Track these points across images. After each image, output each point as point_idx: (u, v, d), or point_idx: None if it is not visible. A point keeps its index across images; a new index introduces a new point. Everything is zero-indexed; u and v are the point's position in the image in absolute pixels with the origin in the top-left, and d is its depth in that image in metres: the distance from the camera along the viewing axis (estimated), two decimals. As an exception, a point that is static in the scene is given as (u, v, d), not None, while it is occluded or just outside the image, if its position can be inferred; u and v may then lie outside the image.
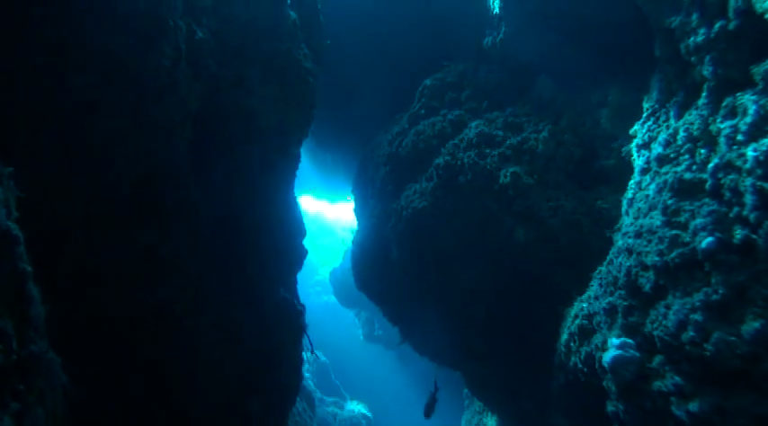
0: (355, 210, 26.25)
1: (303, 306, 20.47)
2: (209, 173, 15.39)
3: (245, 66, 15.80)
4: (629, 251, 11.82)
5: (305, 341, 20.76)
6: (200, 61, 13.60)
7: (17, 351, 5.96)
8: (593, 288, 13.25)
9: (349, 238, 42.33)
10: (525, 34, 18.68)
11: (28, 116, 9.68)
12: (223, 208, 16.19)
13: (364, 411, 53.49)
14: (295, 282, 21.13)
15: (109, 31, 10.40)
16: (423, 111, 21.21)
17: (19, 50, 9.39)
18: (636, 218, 12.28)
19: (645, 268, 11.20)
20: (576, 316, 13.63)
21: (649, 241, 11.23)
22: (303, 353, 21.07)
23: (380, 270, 22.05)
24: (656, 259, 10.83)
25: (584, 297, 13.70)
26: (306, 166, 26.55)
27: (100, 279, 11.87)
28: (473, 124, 19.07)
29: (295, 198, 21.40)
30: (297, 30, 17.95)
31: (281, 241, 19.35)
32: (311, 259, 21.34)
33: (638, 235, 11.67)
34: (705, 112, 11.31)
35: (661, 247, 10.82)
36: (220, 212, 16.09)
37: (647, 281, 11.08)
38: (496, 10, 19.22)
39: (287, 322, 19.17)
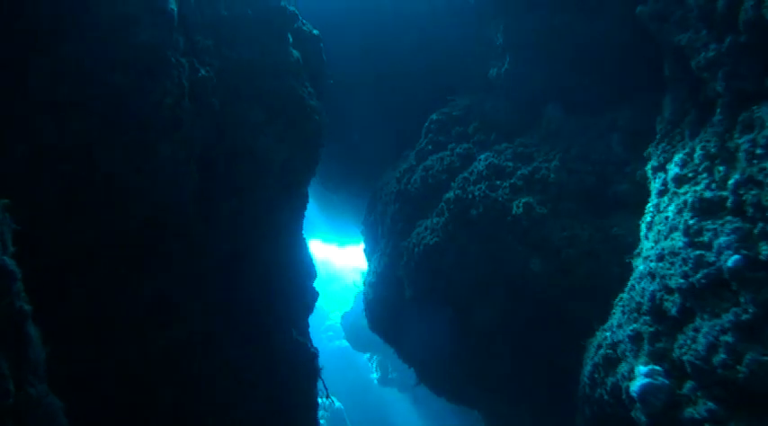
0: (365, 251, 25.96)
1: (316, 349, 20.03)
2: (216, 214, 15.14)
3: (249, 105, 15.70)
4: (652, 275, 11.47)
5: (319, 385, 20.25)
6: (203, 99, 13.50)
7: (13, 394, 5.65)
8: (616, 316, 12.84)
9: (360, 281, 41.94)
10: (530, 64, 18.64)
11: (28, 153, 9.49)
12: (230, 250, 15.92)
13: (380, 456, 52.53)
14: (307, 325, 20.71)
15: (109, 67, 10.28)
16: (430, 147, 21.09)
17: (17, 88, 9.26)
18: (656, 241, 11.96)
19: (670, 291, 10.84)
20: (600, 346, 13.18)
21: (672, 263, 10.89)
22: (317, 398, 20.54)
23: (394, 310, 21.65)
24: (681, 281, 10.48)
25: (607, 325, 13.27)
26: (313, 210, 26.30)
27: (106, 322, 11.57)
28: (482, 156, 18.88)
29: (304, 239, 21.14)
30: (300, 68, 17.91)
31: (292, 282, 19.05)
32: (321, 304, 20.98)
33: (661, 257, 11.33)
34: (721, 128, 11.08)
35: (685, 269, 10.47)
36: (228, 253, 15.84)
37: (672, 305, 10.70)
38: (500, 40, 19.18)
39: (300, 365, 18.74)
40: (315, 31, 19.74)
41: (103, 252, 11.30)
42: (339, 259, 65.72)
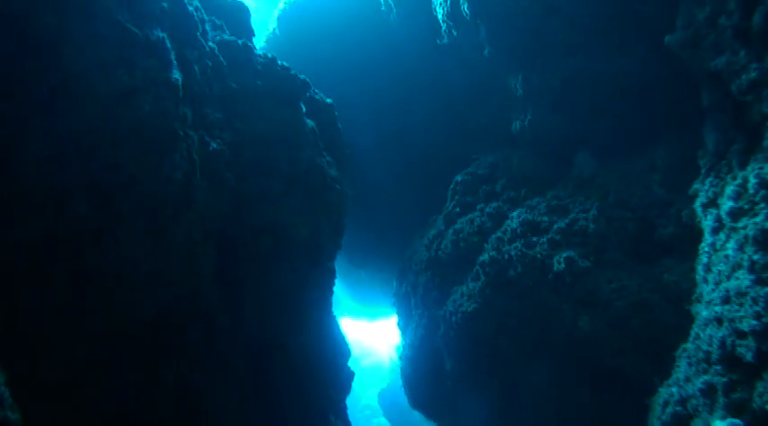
0: (399, 324, 25.02)
1: (356, 433, 18.96)
2: (239, 297, 14.45)
3: (266, 178, 15.22)
4: (719, 320, 10.53)
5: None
6: (217, 174, 13.03)
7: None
8: (682, 369, 11.82)
9: (395, 355, 40.72)
10: (554, 112, 18.10)
11: (28, 245, 8.91)
12: (258, 336, 15.15)
13: None
14: (345, 408, 19.68)
15: (111, 143, 9.80)
16: (458, 209, 20.45)
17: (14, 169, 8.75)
18: (718, 283, 11.05)
19: (741, 335, 9.89)
20: (667, 404, 12.09)
21: (741, 304, 9.99)
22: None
23: (434, 384, 20.55)
24: (754, 323, 9.56)
25: (672, 380, 12.22)
26: (340, 287, 25.59)
27: (124, 421, 10.73)
28: (514, 214, 18.20)
29: (334, 316, 20.31)
30: (316, 138, 17.54)
31: (326, 365, 18.15)
32: (355, 382, 20.00)
33: (726, 300, 10.42)
34: (774, 153, 10.33)
35: (757, 309, 9.57)
36: (256, 340, 15.06)
37: (747, 350, 9.74)
38: (520, 91, 18.69)
39: (341, 453, 17.69)
40: (328, 100, 19.48)
41: (117, 346, 10.55)
42: (370, 333, 64.22)
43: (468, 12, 18.56)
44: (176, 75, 11.31)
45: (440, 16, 20.38)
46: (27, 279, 8.96)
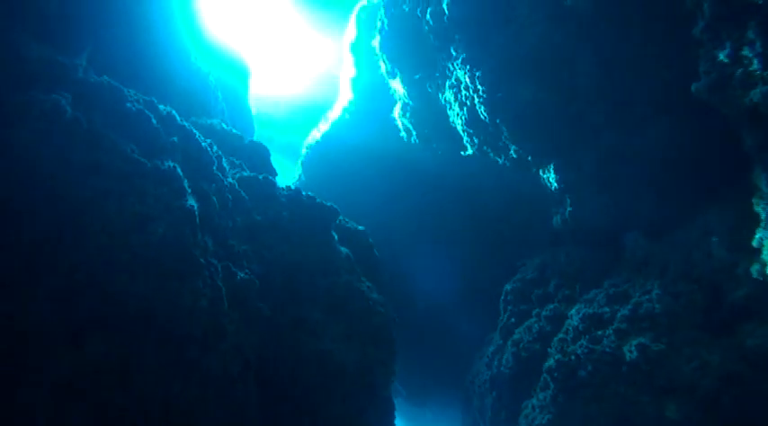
0: (473, 459, 23.44)
1: None
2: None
3: (303, 306, 14.80)
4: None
5: None
6: (248, 304, 12.66)
7: None
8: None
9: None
10: (595, 196, 17.63)
11: (49, 385, 8.47)
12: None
13: None
14: None
15: (127, 273, 9.52)
16: (513, 319, 19.68)
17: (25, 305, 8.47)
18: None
19: None
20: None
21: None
22: None
23: None
24: None
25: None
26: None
27: None
28: (573, 311, 17.42)
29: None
30: (353, 264, 17.24)
31: None
32: None
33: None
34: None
35: None
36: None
37: None
38: (554, 185, 18.34)
39: None
40: (360, 227, 19.36)
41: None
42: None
43: (486, 115, 18.65)
44: (191, 201, 11.25)
45: (459, 128, 20.52)
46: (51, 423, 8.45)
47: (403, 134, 23.68)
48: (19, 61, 10.49)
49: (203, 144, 14.01)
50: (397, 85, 23.33)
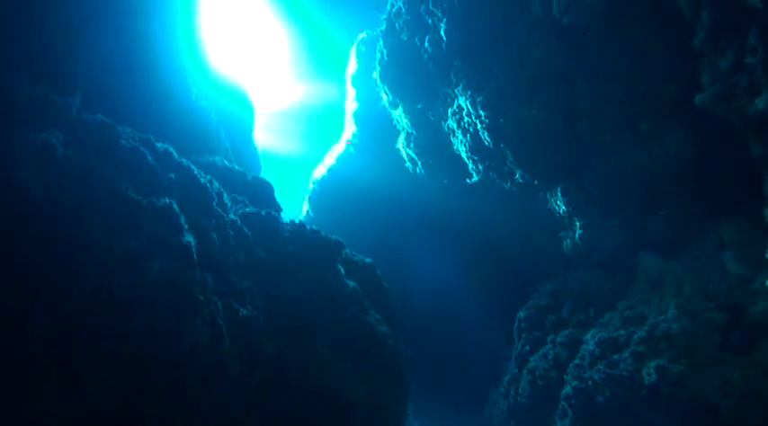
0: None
1: None
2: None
3: (310, 341, 14.45)
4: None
5: None
6: (251, 340, 12.38)
7: None
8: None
9: None
10: (605, 219, 17.33)
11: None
12: None
13: None
14: None
15: (123, 311, 9.30)
16: (527, 347, 19.29)
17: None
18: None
19: None
20: None
21: None
22: None
23: None
24: None
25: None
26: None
27: None
28: (588, 336, 17.04)
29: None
30: (360, 297, 16.93)
31: None
32: None
33: None
34: None
35: None
36: None
37: None
38: (563, 208, 18.06)
39: None
40: (368, 260, 19.09)
41: None
42: None
43: (489, 140, 18.51)
44: (188, 237, 11.05)
45: (463, 154, 20.37)
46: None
47: (408, 164, 23.57)
48: (12, 100, 10.44)
49: (202, 180, 13.87)
50: (399, 115, 23.28)
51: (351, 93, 27.04)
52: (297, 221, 17.56)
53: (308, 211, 27.13)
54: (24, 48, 11.28)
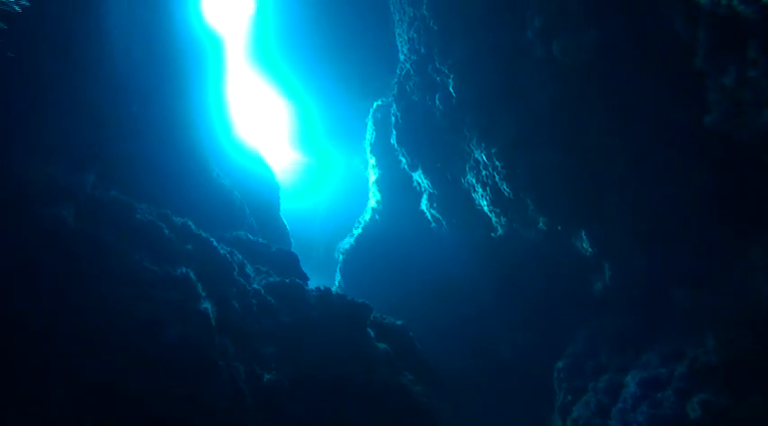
0: None
1: None
2: None
3: (341, 404, 14.32)
4: None
5: None
6: (276, 405, 12.28)
7: None
8: None
9: None
10: (634, 259, 17.05)
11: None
12: None
13: None
14: None
15: (140, 383, 9.34)
16: (569, 397, 18.77)
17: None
18: None
19: None
20: None
21: None
22: None
23: None
24: None
25: None
26: None
27: None
28: (628, 378, 16.56)
29: None
30: (392, 358, 16.87)
31: None
32: None
33: None
34: None
35: None
36: None
37: None
38: (590, 250, 17.82)
39: None
40: (398, 322, 19.06)
41: None
42: None
43: (509, 190, 18.56)
44: (205, 304, 11.19)
45: (486, 209, 20.40)
46: None
47: (434, 225, 23.61)
48: (28, 183, 10.83)
49: (222, 251, 14.10)
50: (419, 177, 23.46)
51: (371, 161, 27.38)
52: (322, 288, 17.63)
53: (339, 281, 27.17)
54: (37, 137, 11.78)
